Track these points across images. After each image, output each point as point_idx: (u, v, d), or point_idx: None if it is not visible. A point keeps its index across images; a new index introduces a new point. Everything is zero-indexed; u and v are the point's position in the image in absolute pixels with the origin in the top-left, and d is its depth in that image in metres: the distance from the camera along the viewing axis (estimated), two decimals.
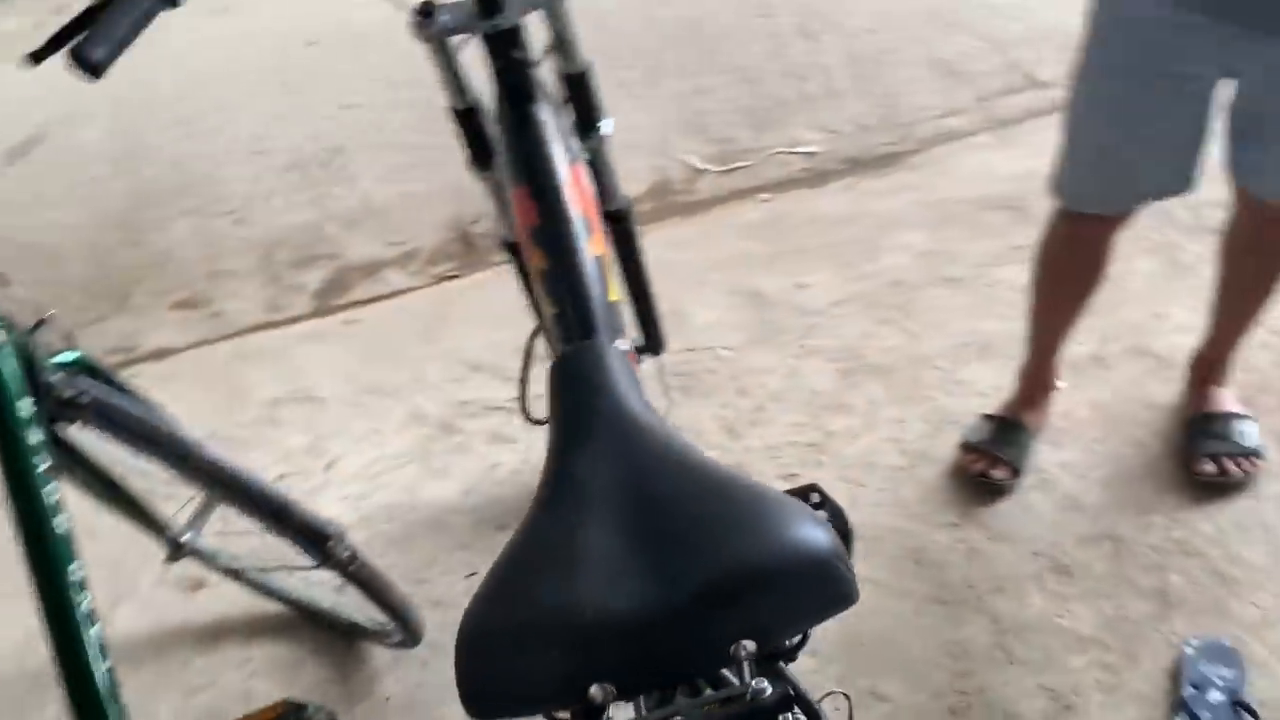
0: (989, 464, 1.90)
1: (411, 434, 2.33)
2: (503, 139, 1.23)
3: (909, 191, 2.81)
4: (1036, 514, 1.86)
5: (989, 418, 1.97)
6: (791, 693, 0.72)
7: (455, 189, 3.14)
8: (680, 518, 0.72)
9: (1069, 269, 1.79)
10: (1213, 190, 1.52)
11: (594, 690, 0.69)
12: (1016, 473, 1.90)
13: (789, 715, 0.73)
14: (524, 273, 1.58)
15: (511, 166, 1.18)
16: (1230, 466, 1.82)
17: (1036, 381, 1.96)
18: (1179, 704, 1.53)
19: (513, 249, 1.55)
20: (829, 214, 2.77)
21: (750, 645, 0.69)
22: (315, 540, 1.41)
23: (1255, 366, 2.03)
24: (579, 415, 0.81)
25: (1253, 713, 1.49)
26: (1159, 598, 1.69)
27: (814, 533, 0.72)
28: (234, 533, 1.55)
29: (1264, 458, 1.83)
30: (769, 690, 0.70)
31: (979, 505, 1.89)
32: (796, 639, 0.77)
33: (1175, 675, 1.58)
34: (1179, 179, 1.58)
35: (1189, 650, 1.59)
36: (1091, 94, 1.56)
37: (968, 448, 1.94)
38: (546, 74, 1.31)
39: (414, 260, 2.99)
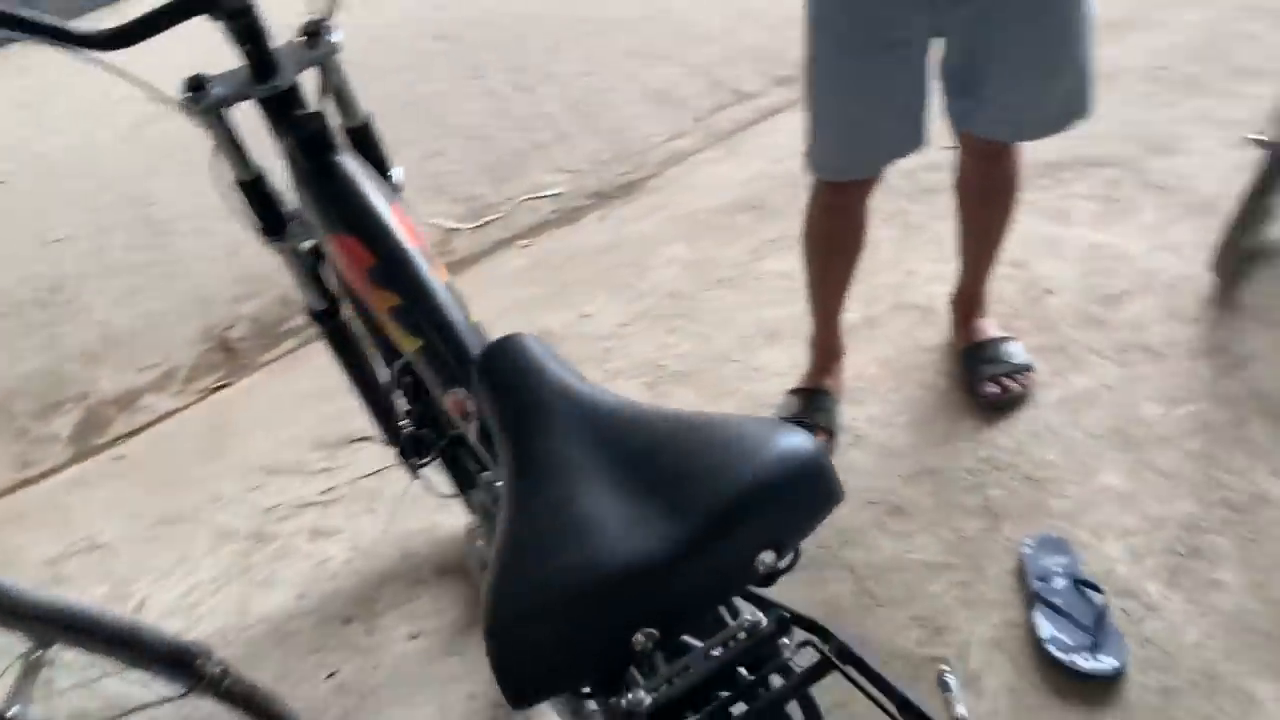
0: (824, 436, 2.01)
1: (223, 553, 2.18)
2: (306, 196, 1.20)
3: (658, 211, 2.94)
4: (859, 468, 1.98)
5: (794, 392, 2.09)
6: (788, 615, 0.74)
7: (198, 299, 2.99)
8: (668, 461, 0.73)
9: (834, 236, 1.93)
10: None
11: (637, 638, 0.68)
12: (831, 435, 2.02)
13: (787, 639, 0.75)
14: (338, 339, 1.53)
15: (325, 218, 1.15)
16: (1009, 384, 2.02)
17: (827, 349, 2.10)
18: (1032, 597, 1.66)
19: (323, 316, 1.50)
20: (590, 245, 2.84)
21: (770, 556, 0.71)
22: (179, 663, 1.29)
23: (1004, 298, 2.26)
24: (525, 400, 0.80)
25: (1093, 586, 1.65)
26: (986, 512, 1.84)
27: (798, 439, 0.74)
28: (73, 687, 1.40)
29: (1034, 370, 2.04)
30: (764, 621, 0.72)
31: None
32: (789, 559, 0.78)
33: (1021, 574, 1.72)
34: (915, 136, 1.75)
35: (1026, 550, 1.73)
36: (825, 73, 1.71)
37: None
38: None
39: (173, 380, 2.81)
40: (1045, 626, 1.63)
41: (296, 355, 2.84)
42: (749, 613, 0.75)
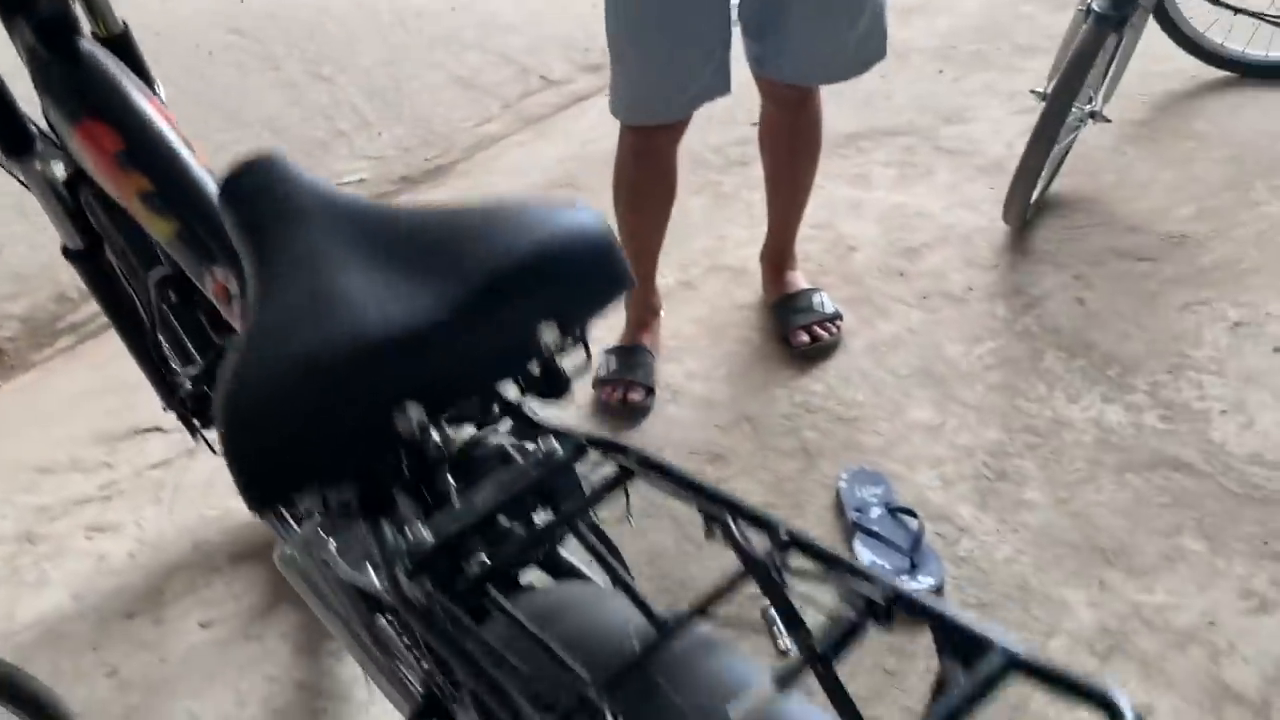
0: (625, 389, 1.96)
1: None
2: (48, 93, 1.07)
3: (467, 193, 2.86)
4: (680, 421, 1.95)
5: (611, 350, 2.04)
6: (585, 439, 0.67)
7: None
8: (443, 238, 0.65)
9: (644, 183, 1.91)
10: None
11: (400, 417, 0.59)
12: (650, 391, 1.98)
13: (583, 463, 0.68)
14: (101, 282, 1.38)
15: (68, 108, 1.03)
16: (820, 332, 2.03)
17: (643, 305, 2.07)
18: (851, 528, 1.66)
19: (83, 256, 1.35)
20: None
21: (552, 334, 0.64)
22: None
23: (812, 256, 2.29)
24: (274, 208, 0.69)
25: (909, 512, 1.66)
26: (802, 454, 1.83)
27: (587, 217, 0.68)
28: None
29: (842, 318, 2.06)
30: (559, 449, 0.65)
31: (629, 428, 1.94)
32: (574, 343, 0.70)
33: (839, 508, 1.72)
34: (718, 81, 1.74)
35: (842, 484, 1.73)
36: (628, 20, 1.68)
37: (602, 381, 1.99)
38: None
39: None
40: (865, 553, 1.63)
41: (75, 352, 2.60)
42: (544, 443, 0.68)
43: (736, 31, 1.76)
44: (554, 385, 0.68)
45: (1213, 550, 1.56)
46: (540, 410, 0.74)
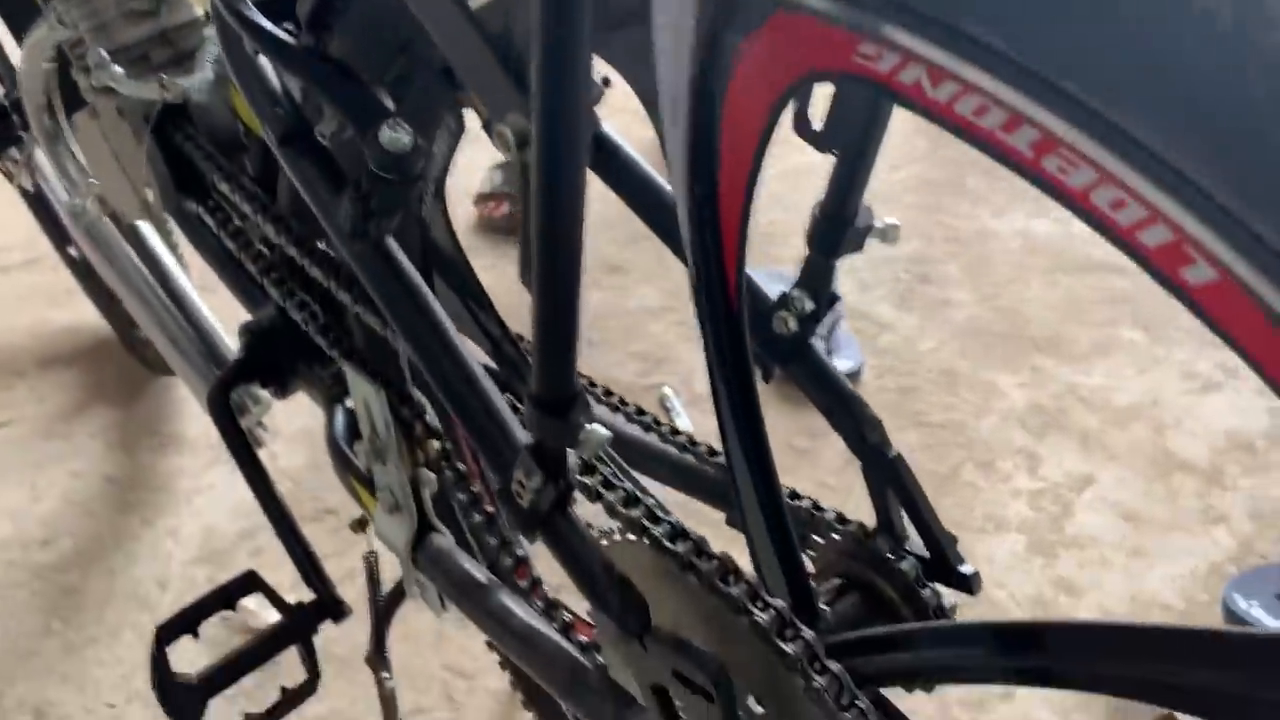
0: (510, 203, 1.77)
1: None
2: None
3: None
4: None
5: (497, 166, 1.84)
6: None
7: None
8: None
9: None
10: None
11: None
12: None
13: None
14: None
15: None
16: None
17: None
18: None
19: None
20: None
21: None
22: None
23: None
24: None
25: None
26: None
27: None
28: None
29: None
30: None
31: (513, 245, 1.74)
32: None
33: None
34: None
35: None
36: None
37: (483, 198, 1.79)
38: None
39: None
40: None
41: None
42: None
43: None
44: None
45: (1151, 339, 1.43)
46: None
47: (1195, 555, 1.13)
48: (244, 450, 0.81)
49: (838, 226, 0.52)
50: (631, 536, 0.49)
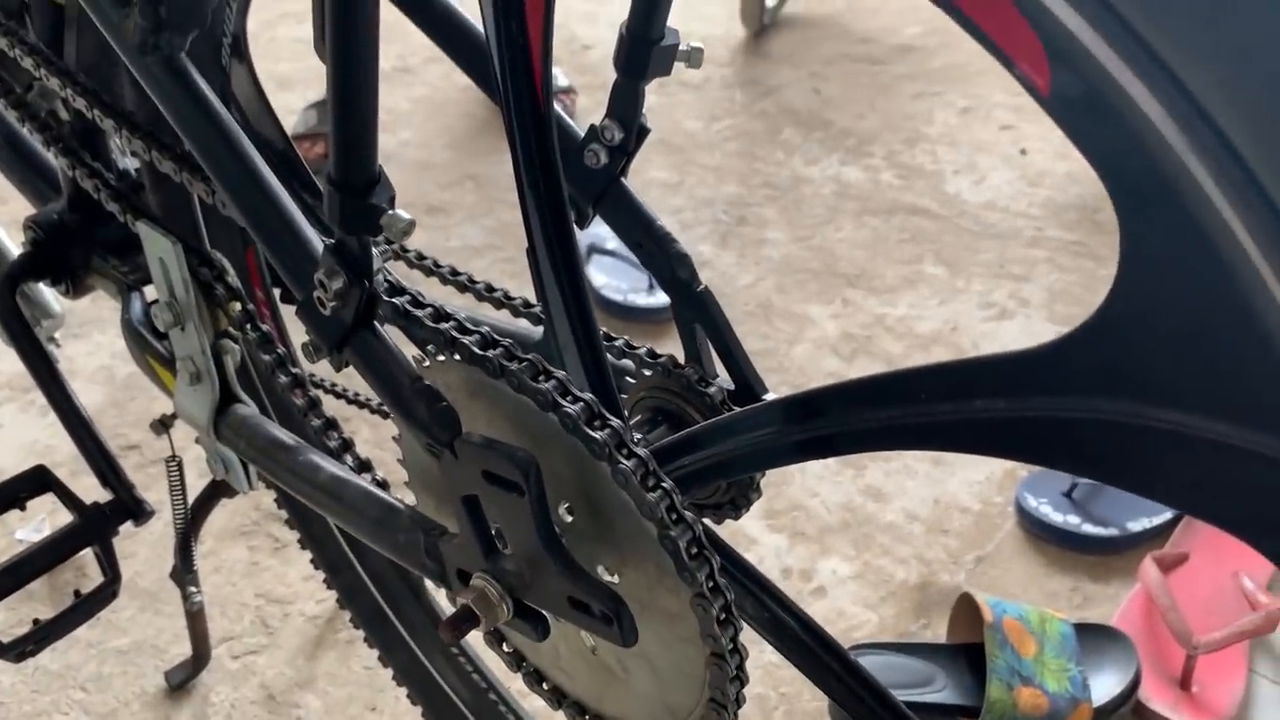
0: (326, 143, 1.71)
1: None
2: None
3: None
4: (399, 184, 1.71)
5: (312, 105, 1.78)
6: None
7: None
8: None
9: None
10: None
11: None
12: None
13: None
14: None
15: None
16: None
17: None
18: (587, 251, 1.49)
19: None
20: None
21: None
22: None
23: None
24: None
25: None
26: None
27: None
28: None
29: (575, 91, 1.91)
30: None
31: None
32: None
33: None
34: None
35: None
36: None
37: (297, 139, 1.73)
38: None
39: None
40: (599, 275, 1.47)
41: None
42: None
43: None
44: None
45: (952, 273, 1.51)
46: None
47: (992, 464, 1.21)
48: (29, 346, 0.77)
49: (643, 47, 0.53)
50: (441, 358, 0.48)
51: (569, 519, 0.47)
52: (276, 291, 0.81)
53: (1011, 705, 0.88)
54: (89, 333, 1.44)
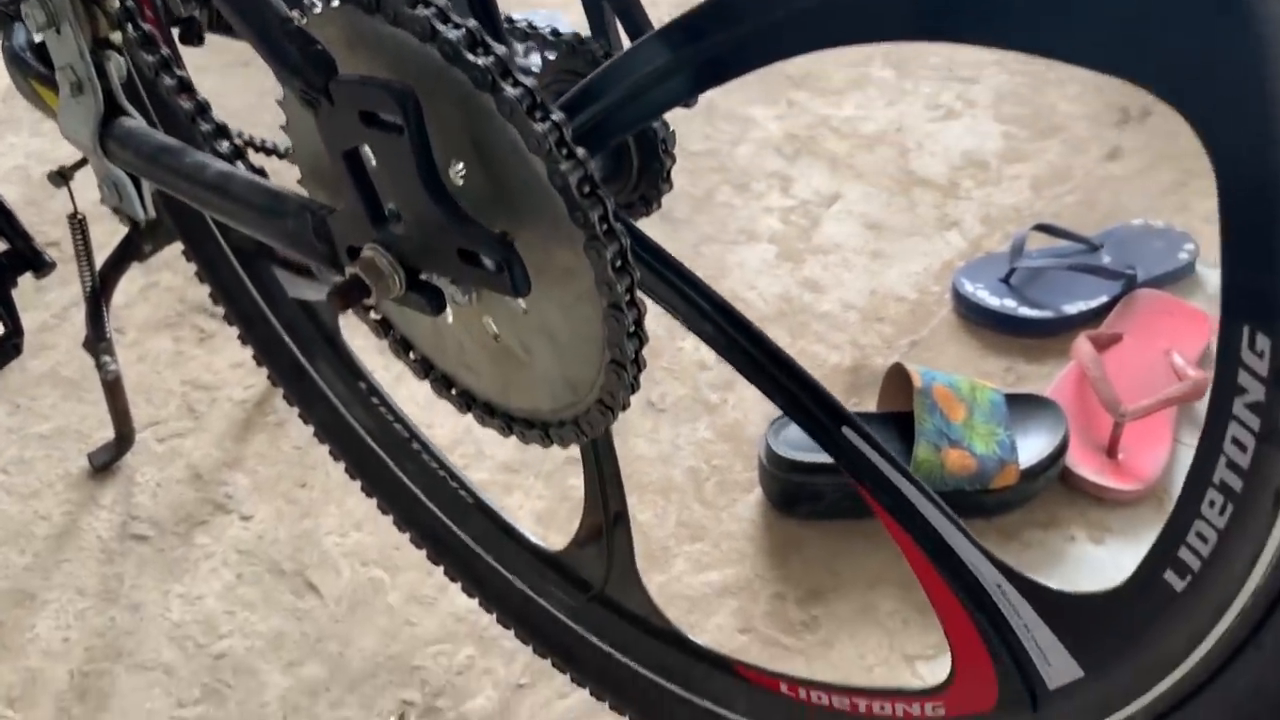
0: None
1: None
2: None
3: None
4: None
5: None
6: None
7: None
8: None
9: None
10: None
11: None
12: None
13: None
14: None
15: None
16: None
17: None
18: None
19: None
20: None
21: None
22: None
23: None
24: None
25: None
26: None
27: None
28: None
29: None
30: None
31: None
32: None
33: None
34: None
35: None
36: None
37: None
38: None
39: None
40: None
41: None
42: None
43: None
44: None
45: (900, 76, 1.47)
46: None
47: (930, 255, 1.20)
48: None
49: None
50: (318, 7, 0.45)
51: (461, 182, 0.45)
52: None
53: (939, 466, 0.89)
54: (3, 134, 1.38)
